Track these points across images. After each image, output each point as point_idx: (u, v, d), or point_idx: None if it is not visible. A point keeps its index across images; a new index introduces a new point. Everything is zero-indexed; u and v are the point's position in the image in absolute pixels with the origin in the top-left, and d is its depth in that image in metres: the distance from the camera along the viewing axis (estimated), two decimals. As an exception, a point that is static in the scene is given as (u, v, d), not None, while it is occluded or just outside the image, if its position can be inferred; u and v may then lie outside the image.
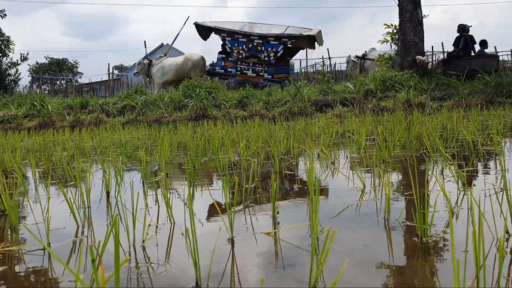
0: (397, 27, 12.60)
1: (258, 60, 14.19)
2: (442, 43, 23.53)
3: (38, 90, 26.79)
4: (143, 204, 2.28)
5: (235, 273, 1.35)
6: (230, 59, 14.56)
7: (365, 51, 14.93)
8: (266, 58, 14.04)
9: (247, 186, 2.50)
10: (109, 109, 11.56)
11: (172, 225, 1.88)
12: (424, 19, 12.29)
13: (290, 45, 14.18)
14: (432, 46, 21.44)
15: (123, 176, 3.40)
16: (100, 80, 29.22)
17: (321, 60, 24.45)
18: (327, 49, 21.80)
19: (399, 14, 12.23)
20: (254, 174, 2.99)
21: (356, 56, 14.89)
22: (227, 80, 15.21)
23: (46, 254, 1.62)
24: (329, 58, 23.95)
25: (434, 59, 17.97)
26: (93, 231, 1.93)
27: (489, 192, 2.03)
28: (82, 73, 43.25)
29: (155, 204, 2.31)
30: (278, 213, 1.91)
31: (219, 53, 14.86)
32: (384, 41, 13.19)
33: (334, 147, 4.55)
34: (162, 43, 41.58)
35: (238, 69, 14.50)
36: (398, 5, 12.20)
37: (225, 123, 8.89)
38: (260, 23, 14.83)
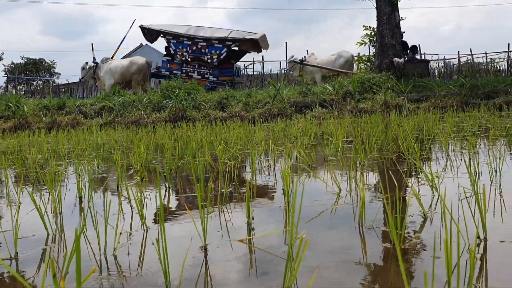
0: (375, 30, 12.74)
1: (202, 62, 14.54)
2: (419, 45, 23.86)
3: (13, 90, 26.22)
4: (117, 209, 2.24)
5: (208, 282, 1.33)
6: (175, 61, 14.85)
7: (304, 57, 15.22)
8: (209, 61, 14.40)
9: (223, 190, 2.48)
10: (87, 111, 11.39)
11: (145, 232, 1.85)
12: (401, 22, 12.47)
13: (235, 48, 14.59)
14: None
15: (98, 180, 3.34)
16: (78, 80, 28.72)
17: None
18: (307, 50, 21.88)
19: (376, 16, 12.38)
20: (232, 178, 2.97)
21: (295, 62, 15.15)
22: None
23: (13, 264, 1.57)
24: (309, 59, 24.05)
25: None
26: (64, 239, 1.88)
27: (462, 196, 2.05)
28: (59, 74, 42.45)
29: (129, 210, 2.27)
30: (253, 218, 1.89)
31: (165, 55, 15.20)
32: (362, 43, 13.34)
33: (312, 149, 4.56)
34: (141, 43, 41.09)
35: (184, 71, 14.77)
36: (376, 7, 12.34)
37: (205, 125, 8.85)
38: (205, 27, 15.16)
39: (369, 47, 13.58)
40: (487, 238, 1.48)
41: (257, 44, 14.26)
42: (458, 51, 24.96)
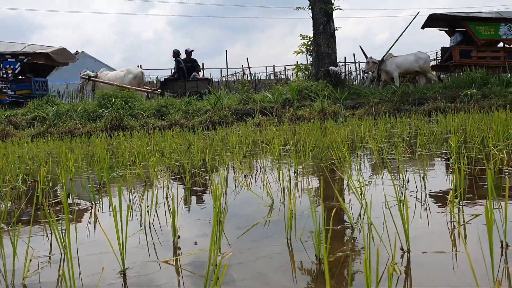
0: (311, 39, 13.04)
1: None
2: (354, 54, 24.87)
3: None
4: (38, 231, 2.08)
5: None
6: None
7: (96, 73, 15.62)
8: (5, 75, 14.57)
9: (149, 205, 2.38)
10: (18, 121, 10.81)
11: (62, 256, 1.72)
12: (336, 31, 12.84)
13: (27, 62, 14.84)
14: (345, 57, 22.57)
15: (21, 198, 3.11)
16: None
17: (241, 69, 24.74)
18: (247, 58, 22.12)
19: (313, 26, 12.68)
20: (162, 192, 2.87)
21: (84, 78, 15.53)
22: None
23: None
24: (249, 67, 24.31)
25: (346, 69, 18.95)
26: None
27: (389, 204, 2.08)
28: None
29: (49, 232, 2.12)
30: (179, 237, 1.81)
31: None
32: (300, 52, 13.61)
33: (250, 158, 4.54)
34: (77, 51, 39.71)
35: None
36: (312, 17, 12.64)
37: (142, 134, 8.63)
38: (2, 42, 15.41)
39: (306, 56, 13.90)
40: (410, 250, 1.49)
41: (50, 58, 14.59)
42: (391, 60, 26.04)
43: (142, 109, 11.08)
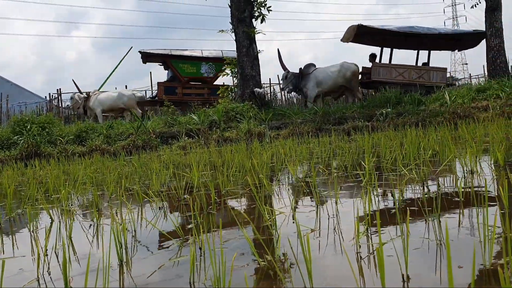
0: (235, 61, 13.20)
1: None
2: (278, 75, 25.45)
3: None
4: None
5: None
6: None
7: None
8: None
9: (51, 248, 2.18)
10: None
11: None
12: (261, 54, 13.11)
13: None
14: (270, 78, 23.01)
15: None
16: None
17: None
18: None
19: (236, 49, 12.83)
20: (68, 231, 2.66)
21: None
22: None
23: None
24: (176, 88, 24.03)
25: (271, 90, 19.36)
26: None
27: (301, 235, 2.05)
28: None
29: None
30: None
31: None
32: (226, 74, 13.70)
33: (169, 186, 4.39)
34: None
35: None
36: (235, 40, 12.79)
37: (62, 161, 8.19)
38: None
39: (232, 77, 14.04)
40: (313, 288, 1.46)
41: None
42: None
43: (61, 135, 10.58)
